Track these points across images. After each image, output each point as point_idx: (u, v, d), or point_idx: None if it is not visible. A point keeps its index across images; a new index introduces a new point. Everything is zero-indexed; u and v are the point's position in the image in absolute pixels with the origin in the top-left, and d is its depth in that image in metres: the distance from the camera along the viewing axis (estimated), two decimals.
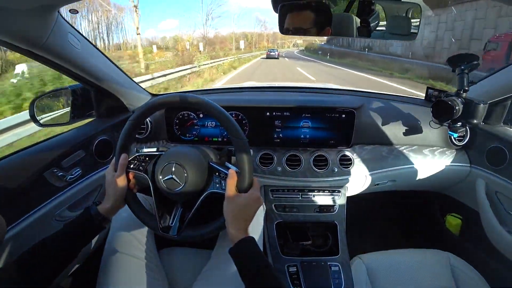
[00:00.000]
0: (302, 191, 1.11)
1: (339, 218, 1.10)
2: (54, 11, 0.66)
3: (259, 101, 1.10)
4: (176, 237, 0.67)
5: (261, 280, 0.53)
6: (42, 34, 0.65)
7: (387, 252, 0.96)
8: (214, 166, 0.68)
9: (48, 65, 0.77)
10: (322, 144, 1.09)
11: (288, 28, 0.73)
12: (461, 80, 0.91)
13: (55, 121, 0.99)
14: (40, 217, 0.77)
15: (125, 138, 0.70)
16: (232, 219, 0.60)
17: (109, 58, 0.95)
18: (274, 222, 1.09)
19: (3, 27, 0.57)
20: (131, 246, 0.77)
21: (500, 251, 0.95)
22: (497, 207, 0.97)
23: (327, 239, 1.09)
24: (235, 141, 0.64)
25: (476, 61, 0.90)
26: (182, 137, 1.11)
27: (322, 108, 1.06)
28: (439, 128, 1.06)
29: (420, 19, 0.84)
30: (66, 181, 0.85)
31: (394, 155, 1.10)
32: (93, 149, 0.96)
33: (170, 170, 0.65)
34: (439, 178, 1.14)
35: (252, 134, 1.08)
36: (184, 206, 0.70)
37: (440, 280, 0.87)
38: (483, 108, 0.89)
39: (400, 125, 1.09)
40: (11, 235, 0.69)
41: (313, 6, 0.72)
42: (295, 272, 0.97)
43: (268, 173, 1.08)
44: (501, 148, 0.96)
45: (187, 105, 0.66)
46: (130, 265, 0.74)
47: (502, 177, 0.95)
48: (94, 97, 1.02)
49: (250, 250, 0.58)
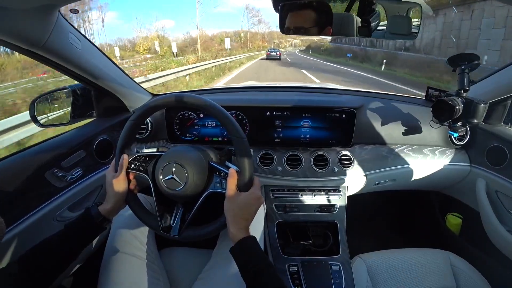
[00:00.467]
0: (303, 190, 1.11)
1: (340, 218, 1.10)
2: (55, 11, 0.66)
3: (260, 101, 1.10)
4: (177, 237, 0.67)
5: (262, 280, 0.53)
6: (42, 33, 0.65)
7: (388, 252, 0.96)
8: (215, 165, 0.68)
9: (48, 64, 0.77)
10: (322, 143, 1.09)
11: (289, 28, 0.73)
12: (462, 80, 0.91)
13: (55, 121, 0.99)
14: (40, 217, 0.76)
15: (125, 138, 0.70)
16: (233, 218, 0.60)
17: (109, 58, 0.95)
18: (274, 222, 1.09)
19: (4, 26, 0.57)
20: (132, 246, 0.77)
21: (500, 250, 0.95)
22: (498, 207, 0.98)
23: (327, 239, 1.09)
24: (235, 140, 0.64)
25: (476, 60, 0.90)
26: (183, 137, 1.11)
27: (322, 108, 1.06)
28: (440, 128, 1.06)
29: (420, 19, 0.84)
30: (67, 181, 0.85)
31: (394, 154, 1.10)
32: (93, 149, 0.95)
33: (170, 170, 0.65)
34: (440, 178, 1.14)
35: (253, 133, 1.08)
36: (184, 206, 0.70)
37: (441, 279, 0.87)
38: (484, 107, 0.89)
39: (401, 125, 1.09)
40: (12, 235, 0.69)
41: (314, 6, 0.72)
42: (296, 271, 0.97)
43: (268, 173, 1.08)
44: (501, 147, 0.96)
45: (187, 105, 0.66)
46: (131, 265, 0.74)
47: (503, 176, 0.95)
48: (94, 97, 1.02)
49: (251, 249, 0.58)
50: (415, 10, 0.84)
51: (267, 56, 24.04)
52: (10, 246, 0.69)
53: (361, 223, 1.43)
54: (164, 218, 0.69)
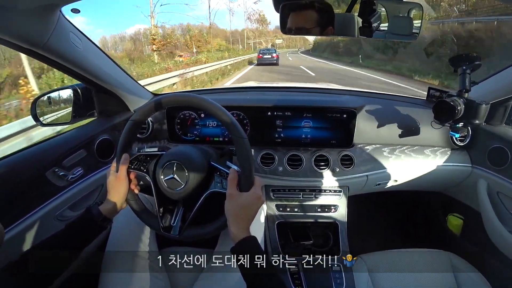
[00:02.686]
0: (303, 191, 1.11)
1: (340, 218, 1.10)
2: (56, 11, 0.66)
3: (261, 101, 1.10)
4: (178, 236, 0.67)
5: (263, 280, 0.53)
6: (44, 33, 0.65)
7: (388, 252, 0.96)
8: (215, 165, 0.68)
9: (49, 64, 0.77)
10: (323, 144, 1.09)
11: (290, 28, 0.73)
12: (463, 80, 0.91)
13: (56, 121, 1.00)
14: (41, 216, 0.77)
15: (126, 138, 0.70)
16: (233, 218, 0.60)
17: (110, 58, 0.95)
18: (275, 222, 1.09)
19: (5, 26, 0.57)
20: (132, 246, 0.77)
21: (501, 251, 0.95)
22: (499, 207, 0.97)
23: (328, 239, 1.09)
24: (236, 140, 0.64)
25: (478, 61, 0.90)
26: (183, 136, 1.11)
27: (323, 108, 1.06)
28: (441, 128, 1.05)
29: (421, 19, 0.84)
30: (68, 180, 0.85)
31: (395, 155, 1.10)
32: (94, 149, 0.96)
33: (171, 170, 0.65)
34: (441, 178, 1.14)
35: (253, 133, 1.08)
36: (185, 206, 0.70)
37: (442, 280, 0.87)
38: (485, 108, 0.88)
39: (402, 125, 1.09)
40: (13, 234, 0.69)
41: (316, 6, 0.71)
42: (296, 271, 0.96)
43: (269, 173, 1.08)
44: (503, 148, 0.96)
45: (188, 104, 0.66)
46: (132, 265, 0.74)
47: (504, 177, 0.95)
48: (95, 96, 1.02)
49: (251, 250, 0.58)
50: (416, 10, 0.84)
51: (258, 60, 16.50)
52: (11, 245, 0.69)
53: (362, 224, 1.43)
54: (165, 217, 0.69)
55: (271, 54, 16.25)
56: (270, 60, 15.82)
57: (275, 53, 16.48)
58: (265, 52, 17.01)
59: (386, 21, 0.82)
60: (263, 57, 16.17)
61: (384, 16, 0.82)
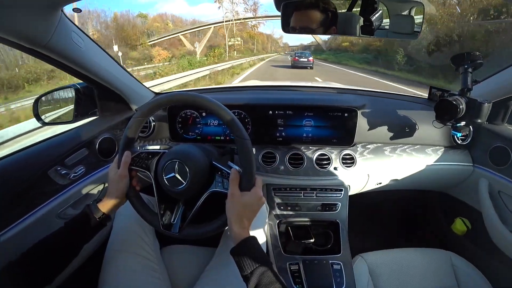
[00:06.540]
0: (305, 189, 1.11)
1: (341, 217, 1.10)
2: (58, 10, 0.66)
3: (262, 100, 1.10)
4: (177, 234, 0.67)
5: (263, 280, 0.53)
6: (46, 33, 0.66)
7: (389, 251, 0.96)
8: (217, 165, 0.69)
9: (51, 64, 0.77)
10: (324, 142, 1.09)
11: (294, 27, 0.73)
12: (465, 79, 0.91)
13: (58, 120, 1.00)
14: (44, 214, 0.77)
15: (128, 136, 0.70)
16: (234, 218, 0.61)
17: (112, 57, 0.96)
18: (276, 221, 1.10)
19: (7, 25, 0.58)
20: (133, 244, 0.78)
21: (502, 250, 0.94)
22: (500, 207, 0.97)
23: (329, 238, 1.09)
24: (238, 140, 0.64)
25: (479, 60, 0.89)
26: (185, 135, 1.12)
27: (324, 107, 1.06)
28: (442, 128, 1.05)
29: (423, 18, 0.84)
30: (70, 179, 0.86)
31: (397, 154, 1.10)
32: (96, 148, 0.96)
33: (172, 168, 0.65)
34: (442, 178, 1.14)
35: (255, 132, 1.08)
36: (186, 204, 0.70)
37: (442, 279, 0.87)
38: (487, 107, 0.88)
39: (403, 124, 1.09)
40: (15, 232, 0.70)
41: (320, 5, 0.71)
42: (297, 270, 0.97)
43: (270, 172, 1.08)
44: (504, 147, 0.96)
45: (190, 103, 0.66)
46: (132, 263, 0.74)
47: (506, 176, 0.95)
48: (97, 95, 1.02)
49: (251, 251, 0.58)
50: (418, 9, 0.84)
51: (293, 62, 15.91)
52: (13, 243, 0.69)
53: (363, 222, 1.43)
54: (165, 215, 0.70)
55: (307, 58, 15.53)
56: (306, 64, 15.18)
57: (310, 57, 15.75)
58: (300, 55, 16.18)
59: (387, 20, 0.82)
60: (299, 60, 15.44)
61: (385, 14, 0.82)
